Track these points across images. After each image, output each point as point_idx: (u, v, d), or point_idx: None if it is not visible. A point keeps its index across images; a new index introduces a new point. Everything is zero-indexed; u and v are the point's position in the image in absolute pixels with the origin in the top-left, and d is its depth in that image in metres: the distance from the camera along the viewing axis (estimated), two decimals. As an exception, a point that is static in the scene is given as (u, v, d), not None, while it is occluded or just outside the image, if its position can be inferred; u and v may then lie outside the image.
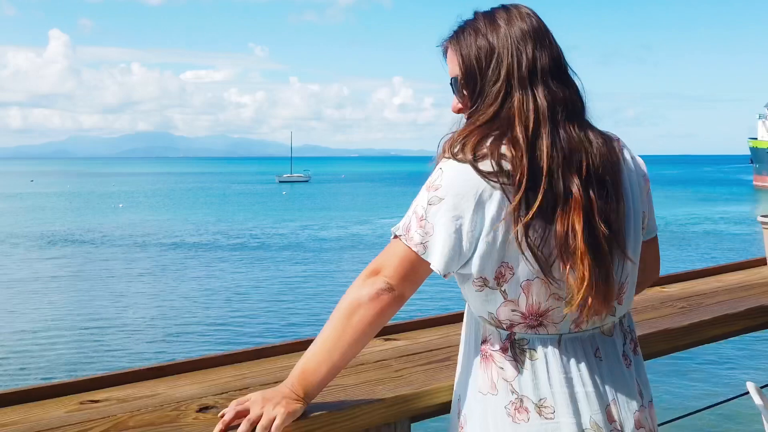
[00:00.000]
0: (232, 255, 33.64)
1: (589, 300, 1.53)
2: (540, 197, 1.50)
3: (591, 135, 1.60)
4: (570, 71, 1.66)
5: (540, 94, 1.57)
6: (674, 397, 11.67)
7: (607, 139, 1.63)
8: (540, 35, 1.64)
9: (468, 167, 1.53)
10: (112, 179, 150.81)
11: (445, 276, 1.58)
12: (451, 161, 1.57)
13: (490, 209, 1.52)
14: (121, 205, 69.80)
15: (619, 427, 1.60)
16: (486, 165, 1.53)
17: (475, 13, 1.70)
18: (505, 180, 1.52)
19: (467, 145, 1.56)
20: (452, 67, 1.71)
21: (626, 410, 1.62)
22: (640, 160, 1.73)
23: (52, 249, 37.05)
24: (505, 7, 1.68)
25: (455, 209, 1.53)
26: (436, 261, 1.55)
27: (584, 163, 1.55)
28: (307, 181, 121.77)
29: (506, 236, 1.53)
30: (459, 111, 1.72)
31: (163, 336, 18.89)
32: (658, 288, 3.02)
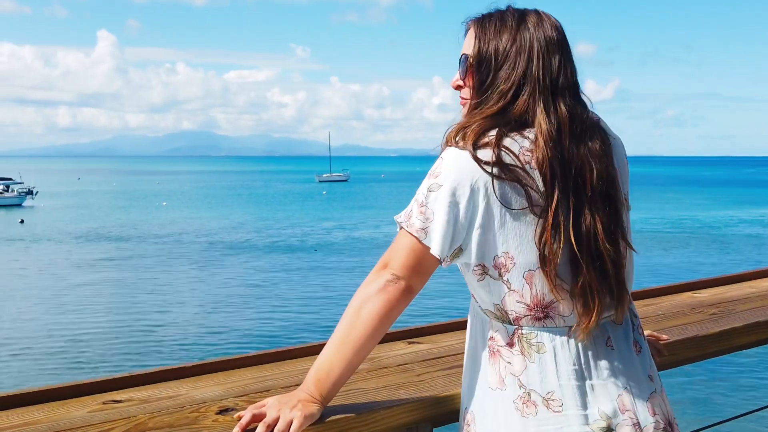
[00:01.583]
0: (270, 255, 33.94)
1: (605, 301, 1.58)
2: (555, 197, 1.53)
3: (598, 146, 1.61)
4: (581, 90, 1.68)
5: (561, 104, 1.60)
6: (703, 405, 11.48)
7: (606, 138, 1.64)
8: (565, 50, 1.65)
9: (466, 154, 1.56)
10: (157, 177, 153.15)
11: (443, 262, 1.60)
12: (452, 149, 1.59)
13: (484, 197, 1.54)
14: (164, 204, 70.76)
15: (633, 416, 1.58)
16: (485, 154, 1.55)
17: (508, 7, 1.70)
18: (502, 172, 1.54)
19: (468, 134, 1.58)
20: (467, 46, 1.71)
21: (639, 398, 1.61)
22: (620, 141, 1.73)
23: (96, 247, 37.73)
24: (537, 12, 1.69)
25: (452, 195, 1.56)
26: (435, 246, 1.57)
27: (595, 171, 1.58)
28: (346, 181, 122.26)
29: (503, 225, 1.55)
30: (458, 88, 1.75)
31: (192, 335, 19.12)
32: (688, 294, 2.97)
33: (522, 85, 1.60)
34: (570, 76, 1.63)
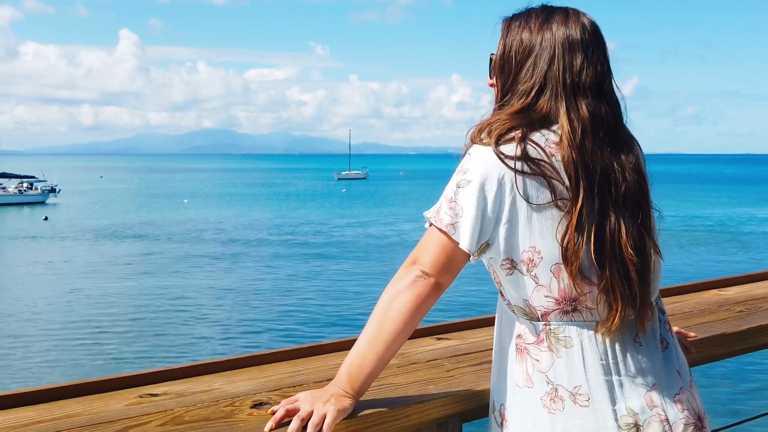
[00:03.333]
0: (292, 252, 34.02)
1: (627, 307, 1.58)
2: (581, 197, 1.55)
3: (633, 159, 1.63)
4: (615, 88, 1.68)
5: (583, 105, 1.60)
6: (729, 403, 11.40)
7: (638, 157, 1.66)
8: (591, 48, 1.65)
9: (491, 150, 1.58)
10: (178, 175, 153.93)
11: (471, 257, 1.61)
12: (478, 146, 1.62)
13: (510, 192, 1.56)
14: (186, 201, 71.09)
15: (661, 412, 1.59)
16: (509, 149, 1.57)
17: (541, 5, 1.72)
18: (527, 166, 1.56)
19: (493, 131, 1.60)
20: (495, 45, 1.75)
21: (668, 394, 1.62)
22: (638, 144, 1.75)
23: (119, 244, 37.98)
24: (566, 11, 1.69)
25: (481, 190, 1.57)
26: (465, 240, 1.59)
27: (626, 183, 1.60)
28: (365, 179, 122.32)
29: (529, 220, 1.57)
30: (491, 86, 1.78)
31: (221, 331, 19.22)
32: (715, 291, 2.96)
33: (544, 84, 1.62)
34: (595, 77, 1.63)
